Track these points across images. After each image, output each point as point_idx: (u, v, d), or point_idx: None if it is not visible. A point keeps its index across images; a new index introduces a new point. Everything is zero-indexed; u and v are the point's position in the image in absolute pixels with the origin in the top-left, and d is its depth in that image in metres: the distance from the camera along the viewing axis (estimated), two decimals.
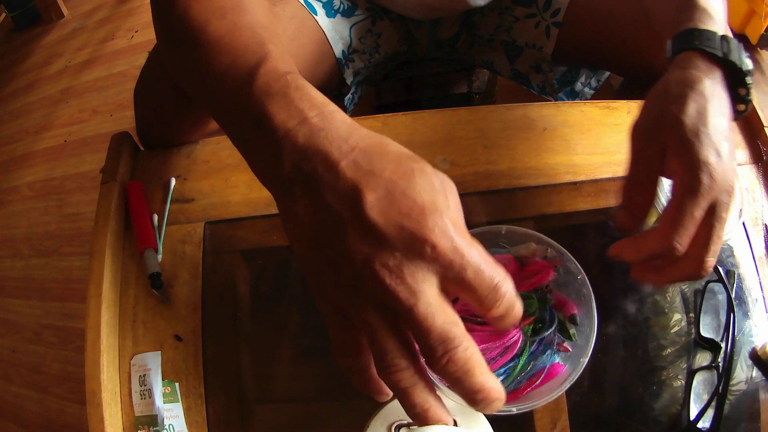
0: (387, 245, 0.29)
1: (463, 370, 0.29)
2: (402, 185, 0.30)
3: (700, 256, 0.38)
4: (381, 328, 0.30)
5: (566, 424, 0.45)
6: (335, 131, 0.32)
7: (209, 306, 0.50)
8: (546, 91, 0.77)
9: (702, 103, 0.39)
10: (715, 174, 0.37)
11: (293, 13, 0.63)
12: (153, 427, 0.45)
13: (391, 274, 0.29)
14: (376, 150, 0.31)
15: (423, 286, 0.29)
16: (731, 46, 0.41)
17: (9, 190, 1.45)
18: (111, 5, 1.80)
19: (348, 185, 0.30)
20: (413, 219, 0.29)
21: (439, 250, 0.29)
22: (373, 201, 0.29)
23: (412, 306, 0.29)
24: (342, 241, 0.30)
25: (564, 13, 0.66)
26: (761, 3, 1.05)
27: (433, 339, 0.29)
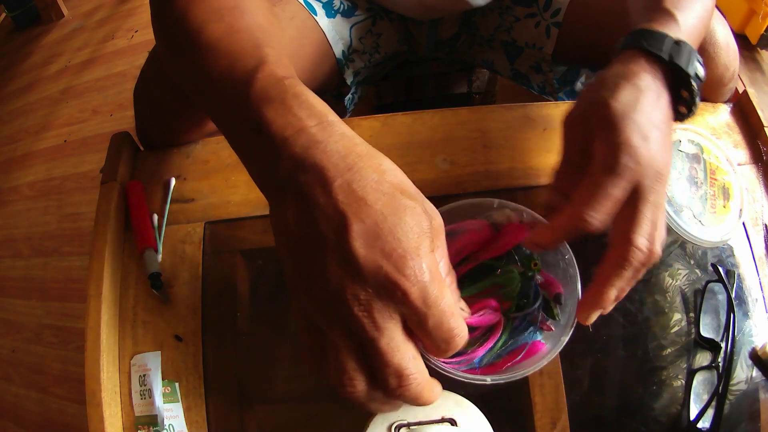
0: (362, 279, 0.30)
1: (412, 399, 0.32)
2: (390, 222, 0.31)
3: (629, 237, 0.37)
4: (344, 348, 0.32)
5: (566, 424, 0.45)
6: (333, 146, 0.32)
7: (209, 306, 0.50)
8: (546, 91, 0.77)
9: (636, 93, 0.39)
10: (638, 156, 0.37)
11: (293, 13, 0.63)
12: (153, 427, 0.45)
13: (360, 306, 0.30)
14: (374, 175, 0.32)
15: (388, 323, 0.31)
16: (682, 51, 0.41)
17: (9, 190, 1.45)
18: (111, 5, 1.80)
19: (338, 209, 0.30)
20: (392, 261, 0.30)
21: (409, 297, 0.30)
22: (359, 232, 0.30)
23: (374, 339, 0.31)
24: (322, 260, 0.31)
25: (564, 13, 0.66)
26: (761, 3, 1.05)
27: (389, 373, 0.31)
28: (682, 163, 0.52)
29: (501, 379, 0.40)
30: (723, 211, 0.51)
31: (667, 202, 0.49)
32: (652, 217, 0.38)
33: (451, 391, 0.42)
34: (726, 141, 0.56)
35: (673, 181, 0.51)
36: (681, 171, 0.52)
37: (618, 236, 0.38)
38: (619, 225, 0.38)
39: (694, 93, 0.42)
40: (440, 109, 0.58)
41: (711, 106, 0.59)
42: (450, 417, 0.41)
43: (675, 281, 0.50)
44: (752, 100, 0.57)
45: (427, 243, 0.32)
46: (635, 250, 0.37)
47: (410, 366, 0.31)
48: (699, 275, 0.50)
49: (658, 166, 0.38)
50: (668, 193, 0.50)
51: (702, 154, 0.53)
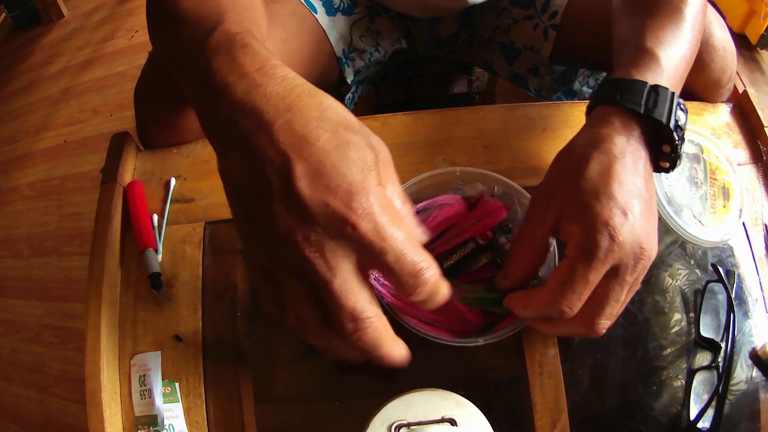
0: (310, 219, 0.29)
1: (370, 345, 0.31)
2: (334, 158, 0.30)
3: (590, 318, 0.36)
4: (299, 294, 0.31)
5: (566, 424, 0.45)
6: (273, 87, 0.31)
7: (209, 306, 0.50)
8: (542, 95, 0.77)
9: (606, 162, 0.37)
10: (618, 236, 0.35)
11: (293, 10, 0.63)
12: (153, 427, 0.45)
13: (311, 247, 0.29)
14: (314, 113, 0.31)
15: (341, 263, 0.30)
16: (659, 99, 0.38)
17: (9, 190, 1.45)
18: (111, 5, 1.80)
19: (279, 151, 0.30)
20: (339, 197, 0.29)
21: (360, 231, 0.29)
22: (303, 172, 0.29)
23: (327, 281, 0.29)
24: (268, 206, 0.30)
25: (562, 15, 0.66)
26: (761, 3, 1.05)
27: (344, 315, 0.30)
28: (682, 163, 0.52)
29: (494, 337, 0.40)
30: (723, 211, 0.51)
31: (667, 202, 0.49)
32: (621, 298, 0.36)
33: (451, 391, 0.42)
34: (726, 141, 0.56)
35: (673, 181, 0.51)
36: (681, 171, 0.52)
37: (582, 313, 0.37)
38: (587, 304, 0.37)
39: (676, 147, 0.39)
40: (440, 109, 0.58)
41: (711, 106, 0.59)
42: (450, 417, 0.41)
43: (675, 281, 0.50)
44: (752, 100, 0.57)
45: (373, 176, 0.30)
46: (592, 333, 0.37)
47: (366, 309, 0.30)
48: (699, 275, 0.50)
49: (641, 241, 0.36)
50: (668, 193, 0.50)
51: (702, 154, 0.53)
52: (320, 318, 0.31)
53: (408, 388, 0.42)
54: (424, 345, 0.39)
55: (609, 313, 0.36)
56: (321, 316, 0.31)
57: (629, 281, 0.36)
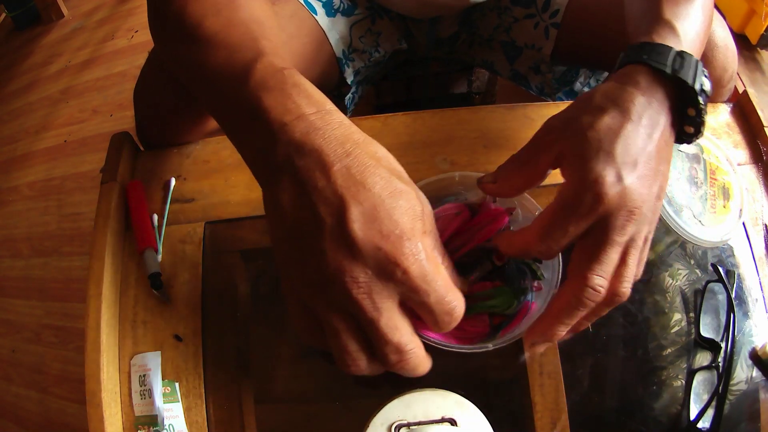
0: (361, 260, 0.31)
1: (411, 371, 0.34)
2: (388, 204, 0.31)
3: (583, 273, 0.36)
4: (342, 330, 0.33)
5: (566, 424, 0.45)
6: (332, 132, 0.33)
7: (209, 306, 0.50)
8: (544, 92, 0.77)
9: (620, 121, 0.37)
10: (604, 196, 0.34)
11: (293, 11, 0.63)
12: (153, 427, 0.45)
13: (359, 288, 0.31)
14: (371, 162, 0.33)
15: (386, 303, 0.32)
16: (685, 63, 0.38)
17: (9, 190, 1.45)
18: (111, 5, 1.80)
19: (337, 192, 0.31)
20: (391, 242, 0.31)
21: (410, 275, 0.31)
22: (357, 215, 0.31)
23: (374, 319, 0.32)
24: (319, 243, 0.31)
25: (563, 13, 0.66)
26: (761, 3, 1.05)
27: (389, 349, 0.33)
28: (682, 163, 0.52)
29: (503, 341, 0.40)
30: (723, 211, 0.51)
31: (667, 202, 0.49)
32: (611, 256, 0.36)
33: (451, 391, 0.42)
34: (726, 141, 0.56)
35: (673, 181, 0.51)
36: (681, 171, 0.52)
37: (573, 271, 0.37)
38: (577, 259, 0.37)
39: (701, 111, 0.39)
40: (440, 109, 0.58)
41: (711, 106, 0.59)
42: (450, 417, 0.41)
43: (675, 281, 0.50)
44: (752, 100, 0.57)
45: (420, 225, 0.33)
46: (589, 290, 0.35)
47: (409, 342, 0.33)
48: (699, 275, 0.50)
49: (633, 204, 0.35)
50: (668, 193, 0.50)
51: (702, 154, 0.53)
52: (363, 351, 0.33)
53: (408, 388, 0.42)
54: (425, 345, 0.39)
55: (601, 270, 0.35)
56: (363, 349, 0.33)
57: (618, 241, 0.35)
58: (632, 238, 0.36)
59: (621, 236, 0.36)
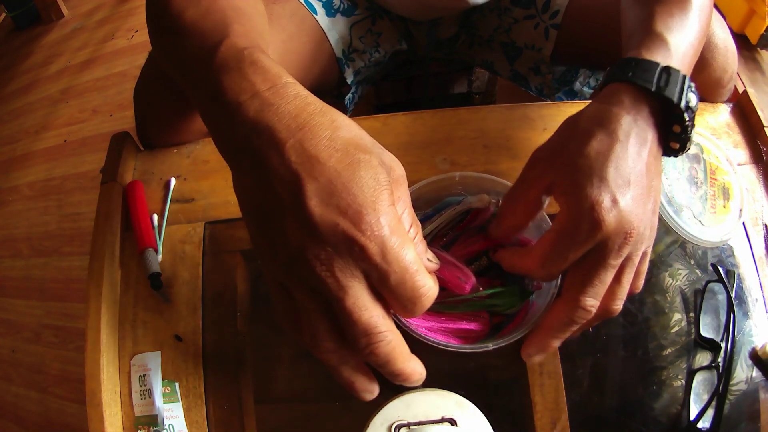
0: (320, 238, 0.30)
1: (384, 360, 0.31)
2: (345, 177, 0.30)
3: (574, 295, 0.37)
4: (312, 310, 0.31)
5: (566, 424, 0.45)
6: (285, 107, 0.32)
7: (209, 306, 0.50)
8: (544, 93, 0.77)
9: (608, 143, 0.37)
10: (602, 221, 0.35)
11: (293, 11, 0.63)
12: (153, 427, 0.45)
13: (322, 265, 0.30)
14: (326, 132, 0.31)
15: (351, 282, 0.30)
16: (671, 80, 0.38)
17: (9, 190, 1.45)
18: (111, 5, 1.80)
19: (291, 169, 0.30)
20: (348, 218, 0.29)
21: (367, 252, 0.29)
22: (313, 191, 0.30)
23: (340, 298, 0.30)
24: (281, 223, 0.30)
25: (563, 14, 0.66)
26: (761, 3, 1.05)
27: (357, 331, 0.30)
28: (682, 163, 0.52)
29: (503, 342, 0.40)
30: (723, 211, 0.51)
31: (667, 202, 0.49)
32: (604, 278, 0.36)
33: (451, 391, 0.42)
34: (726, 141, 0.56)
35: (673, 181, 0.51)
36: (681, 171, 0.52)
37: (567, 291, 0.37)
38: (571, 280, 0.37)
39: (687, 128, 0.39)
40: (440, 109, 0.58)
41: (711, 106, 0.59)
42: (450, 417, 0.41)
43: (675, 281, 0.50)
44: (752, 100, 0.57)
45: (386, 196, 0.31)
46: (581, 311, 0.37)
47: (379, 324, 0.31)
48: (699, 275, 0.50)
49: (628, 227, 0.35)
50: (668, 193, 0.50)
51: (702, 154, 0.53)
52: (333, 333, 0.32)
53: (408, 388, 0.42)
54: (424, 345, 0.39)
55: (593, 292, 0.36)
56: (334, 331, 0.32)
57: (614, 264, 0.36)
58: (628, 258, 0.37)
59: (616, 259, 0.36)
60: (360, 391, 0.34)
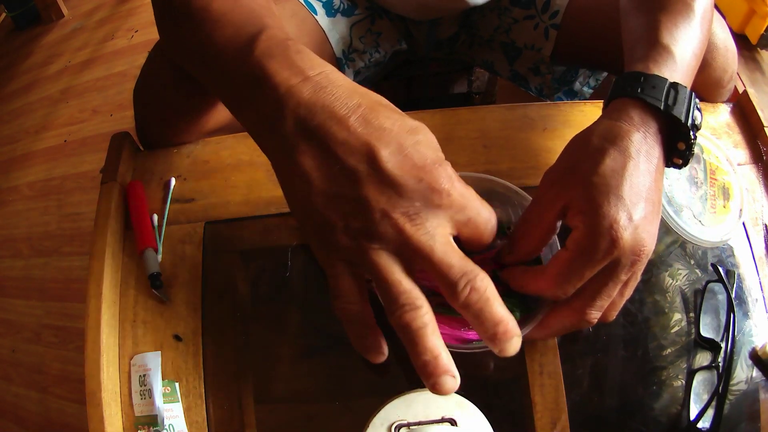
0: (406, 195, 0.31)
1: (484, 298, 0.31)
2: (411, 141, 0.32)
3: (581, 309, 0.38)
4: (396, 271, 0.32)
5: (566, 424, 0.45)
6: (338, 89, 0.33)
7: (209, 306, 0.50)
8: (543, 94, 0.77)
9: (621, 161, 0.37)
10: (620, 239, 0.35)
11: (293, 11, 0.63)
12: (153, 427, 0.45)
13: (412, 221, 0.31)
14: (380, 107, 0.33)
15: (439, 229, 0.32)
16: (678, 98, 0.39)
17: (9, 190, 1.45)
18: (111, 5, 1.80)
19: (361, 140, 0.32)
20: (427, 171, 0.32)
21: (453, 197, 0.32)
22: (388, 155, 0.31)
23: (431, 248, 0.31)
24: (357, 193, 0.31)
25: (563, 15, 0.66)
26: (761, 3, 1.05)
27: (454, 273, 0.31)
28: None
29: None
30: (723, 211, 0.51)
31: (667, 202, 0.49)
32: (612, 293, 0.37)
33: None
34: (726, 141, 0.56)
35: (673, 181, 0.51)
36: (681, 171, 0.52)
37: (576, 300, 0.38)
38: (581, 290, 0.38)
39: (691, 145, 0.40)
40: (440, 109, 0.58)
41: (711, 106, 0.59)
42: (450, 417, 0.41)
43: (675, 281, 0.50)
44: (752, 100, 0.57)
45: (441, 154, 0.34)
46: (585, 322, 0.38)
47: (470, 264, 0.32)
48: (699, 275, 0.50)
49: (641, 244, 0.36)
50: (668, 193, 0.50)
51: (702, 154, 0.53)
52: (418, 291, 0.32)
53: (408, 388, 0.42)
54: None
55: (600, 305, 0.38)
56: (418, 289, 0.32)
57: (623, 279, 0.37)
58: (633, 274, 0.38)
59: (627, 275, 0.37)
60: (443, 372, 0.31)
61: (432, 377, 0.31)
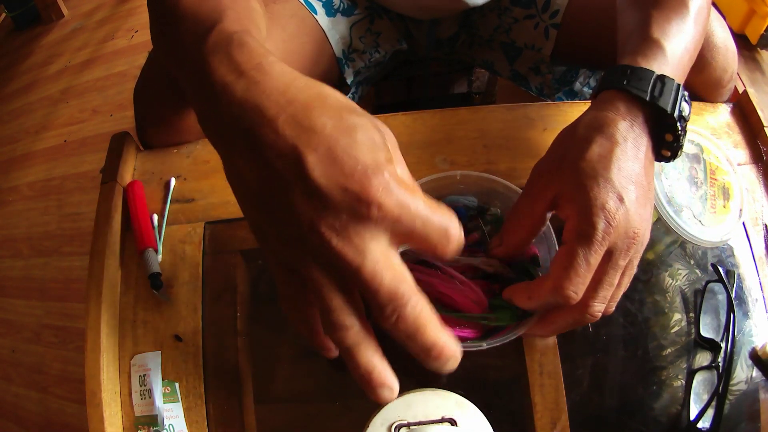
0: (332, 207, 0.29)
1: (414, 326, 0.29)
2: (343, 143, 0.29)
3: (584, 302, 0.37)
4: (326, 286, 0.30)
5: (566, 424, 0.45)
6: (272, 83, 0.31)
7: (209, 306, 0.50)
8: (544, 93, 0.77)
9: (608, 146, 0.37)
10: (613, 220, 0.35)
11: (293, 11, 0.63)
12: (153, 427, 0.45)
13: (338, 235, 0.29)
14: (316, 103, 0.31)
15: (370, 244, 0.29)
16: (665, 89, 0.39)
17: (9, 190, 1.45)
18: (111, 5, 1.80)
19: (288, 144, 0.29)
20: (356, 180, 0.28)
21: (386, 208, 0.29)
22: (315, 161, 0.29)
23: (359, 265, 0.29)
24: (286, 200, 0.29)
25: (563, 14, 0.66)
26: (761, 3, 1.05)
27: (381, 297, 0.29)
28: (682, 163, 0.52)
29: (497, 342, 0.40)
30: (723, 211, 0.51)
31: (667, 202, 0.49)
32: (614, 281, 0.37)
33: (451, 391, 0.42)
34: (726, 141, 0.56)
35: (673, 181, 0.51)
36: (681, 171, 0.52)
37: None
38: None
39: (678, 137, 0.40)
40: (440, 109, 0.58)
41: (711, 106, 0.59)
42: (450, 417, 0.41)
43: (675, 281, 0.50)
44: (752, 100, 0.57)
45: (383, 154, 0.30)
46: (588, 316, 0.37)
47: (403, 288, 0.29)
48: (699, 275, 0.50)
49: (634, 226, 0.36)
50: (668, 193, 0.50)
51: (702, 154, 0.53)
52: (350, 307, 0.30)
53: (408, 388, 0.42)
54: None
55: (603, 296, 0.37)
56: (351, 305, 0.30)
57: (622, 265, 0.37)
58: (630, 261, 0.37)
59: (624, 259, 0.37)
60: (377, 385, 0.30)
61: (368, 389, 0.31)
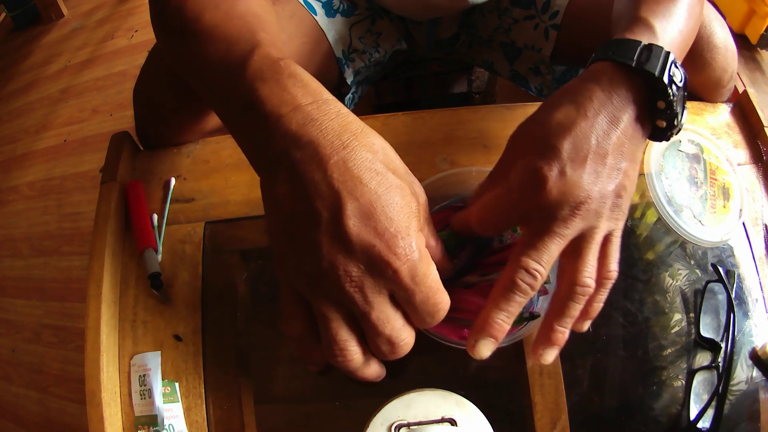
0: (354, 257, 0.31)
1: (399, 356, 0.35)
2: (383, 201, 0.32)
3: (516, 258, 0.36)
4: (334, 319, 0.33)
5: (566, 424, 0.45)
6: (329, 123, 0.33)
7: (209, 306, 0.50)
8: (544, 93, 0.77)
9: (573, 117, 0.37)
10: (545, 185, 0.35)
11: (293, 12, 0.63)
12: (153, 427, 0.45)
13: (352, 282, 0.32)
14: (368, 154, 0.32)
15: (378, 298, 0.33)
16: (652, 55, 0.37)
17: (9, 189, 1.45)
18: (111, 5, 1.80)
19: (333, 187, 0.31)
20: (384, 240, 0.31)
21: (399, 275, 0.32)
22: (353, 210, 0.31)
23: (366, 312, 0.33)
24: (314, 236, 0.31)
25: (563, 15, 0.66)
26: (761, 3, 1.05)
27: (381, 341, 0.34)
28: (682, 163, 0.52)
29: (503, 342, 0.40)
30: (723, 211, 0.51)
31: (667, 202, 0.49)
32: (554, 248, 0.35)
33: (451, 391, 0.42)
34: (726, 141, 0.56)
35: (673, 181, 0.51)
36: (681, 171, 0.52)
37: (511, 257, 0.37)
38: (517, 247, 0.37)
39: (672, 102, 0.38)
40: (440, 109, 0.58)
41: (711, 106, 0.59)
42: (450, 417, 0.41)
43: (675, 281, 0.50)
44: (752, 100, 0.57)
45: (416, 222, 0.33)
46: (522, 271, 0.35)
47: (401, 334, 0.34)
48: (699, 275, 0.50)
49: (577, 198, 0.35)
50: (668, 193, 0.50)
51: (702, 154, 0.53)
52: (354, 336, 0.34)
53: (408, 388, 0.42)
54: (424, 345, 0.39)
55: (538, 257, 0.35)
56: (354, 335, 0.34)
57: (560, 233, 0.35)
58: (583, 234, 0.36)
59: (563, 229, 0.35)
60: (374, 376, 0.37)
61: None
